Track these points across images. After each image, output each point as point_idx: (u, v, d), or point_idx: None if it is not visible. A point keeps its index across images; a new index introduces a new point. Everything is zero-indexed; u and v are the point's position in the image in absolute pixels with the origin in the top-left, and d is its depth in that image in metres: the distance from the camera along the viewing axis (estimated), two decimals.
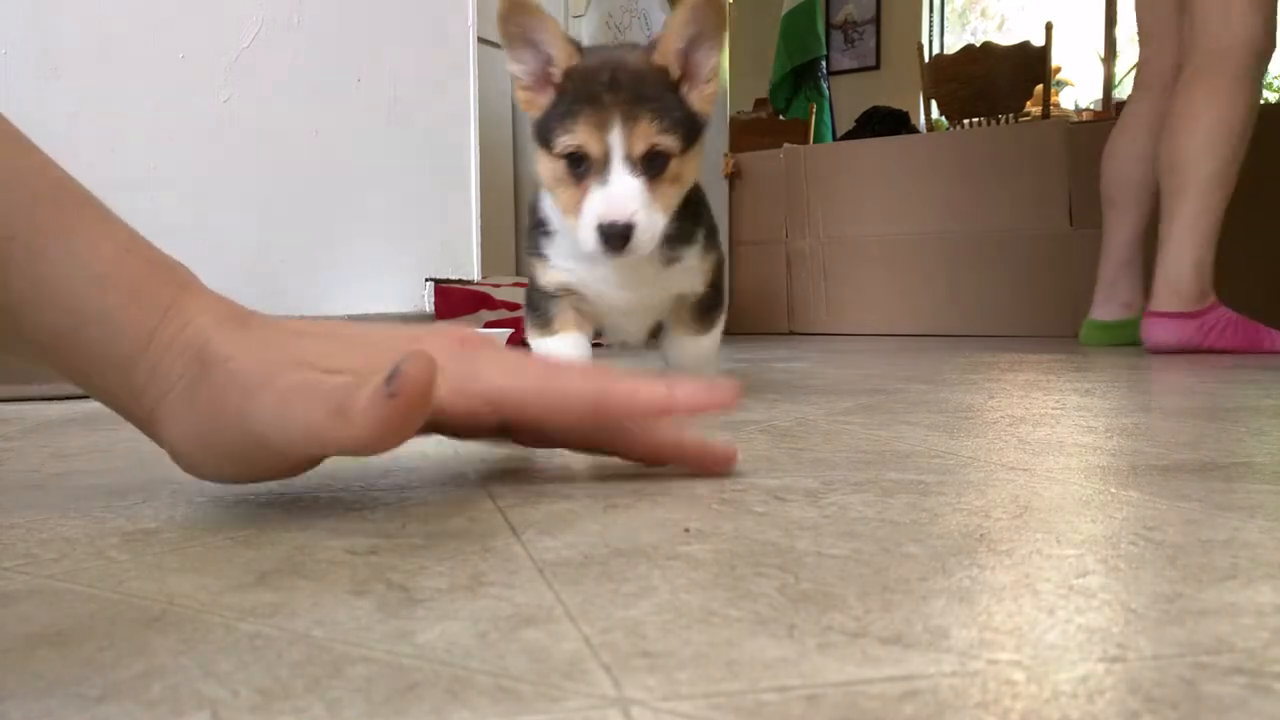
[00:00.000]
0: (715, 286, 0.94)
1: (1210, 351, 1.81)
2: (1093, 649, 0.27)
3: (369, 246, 1.46)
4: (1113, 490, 0.50)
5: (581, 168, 0.80)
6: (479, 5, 1.66)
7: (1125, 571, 0.34)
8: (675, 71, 0.82)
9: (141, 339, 0.43)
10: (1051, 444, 0.66)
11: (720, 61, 0.83)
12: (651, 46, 0.82)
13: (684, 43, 0.81)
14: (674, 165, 0.81)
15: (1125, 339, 2.06)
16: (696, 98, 0.83)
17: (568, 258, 0.88)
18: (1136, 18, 2.12)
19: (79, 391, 0.46)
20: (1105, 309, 2.12)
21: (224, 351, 0.42)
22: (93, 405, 0.96)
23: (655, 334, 1.02)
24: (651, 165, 0.79)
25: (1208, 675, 0.25)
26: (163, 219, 1.18)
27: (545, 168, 0.83)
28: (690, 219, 0.88)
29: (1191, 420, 0.80)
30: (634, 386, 0.47)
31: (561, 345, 0.90)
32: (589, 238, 0.78)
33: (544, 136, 0.82)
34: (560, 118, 0.80)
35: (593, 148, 0.79)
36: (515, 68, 0.83)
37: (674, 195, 0.82)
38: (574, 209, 0.80)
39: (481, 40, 1.65)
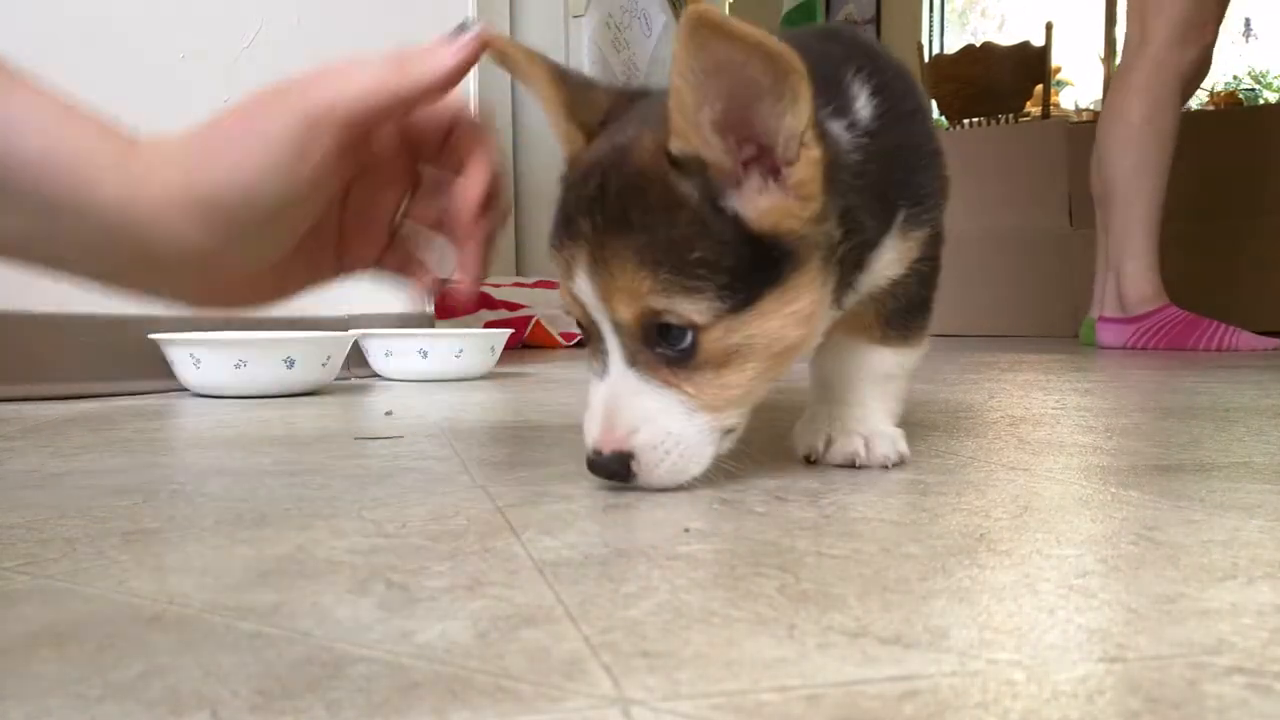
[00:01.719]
0: (927, 279, 0.59)
1: (1151, 350, 1.91)
2: (1093, 649, 0.27)
3: None
4: (1113, 490, 0.50)
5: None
6: (479, 5, 1.66)
7: (1125, 571, 0.34)
8: (719, 157, 0.45)
9: (122, 144, 0.44)
10: (1051, 444, 0.66)
11: (801, 121, 0.44)
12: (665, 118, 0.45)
13: (720, 104, 0.44)
14: (714, 340, 0.46)
15: None
16: (768, 200, 0.46)
17: None
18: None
19: (79, 391, 0.46)
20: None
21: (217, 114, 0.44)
22: (93, 405, 0.97)
23: None
24: (670, 341, 0.47)
25: (1208, 675, 0.25)
26: None
27: None
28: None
29: (1191, 420, 0.80)
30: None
31: None
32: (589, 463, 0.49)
33: None
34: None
35: (575, 311, 0.50)
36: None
37: (741, 380, 0.48)
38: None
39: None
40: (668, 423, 0.47)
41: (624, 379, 0.48)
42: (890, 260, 0.55)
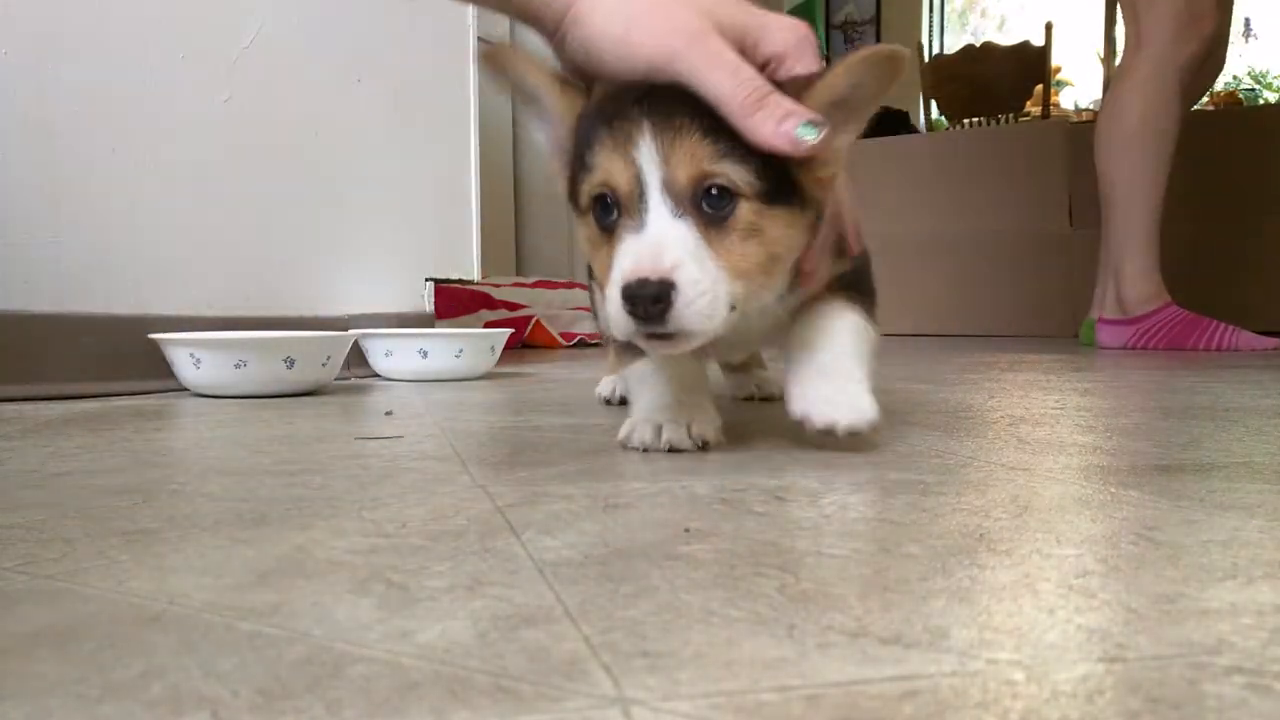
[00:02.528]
0: (859, 271, 0.70)
1: (1151, 350, 1.91)
2: (1093, 649, 0.27)
3: (369, 246, 1.46)
4: (1113, 490, 0.50)
5: (610, 217, 0.57)
6: (479, 7, 1.66)
7: (1125, 571, 0.34)
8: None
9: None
10: (1051, 444, 0.66)
11: (848, 142, 0.59)
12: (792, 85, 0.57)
13: (843, 93, 0.57)
14: (748, 212, 0.55)
15: None
16: (807, 175, 0.58)
17: None
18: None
19: (79, 391, 0.46)
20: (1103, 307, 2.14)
21: None
22: (93, 405, 0.97)
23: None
24: (711, 204, 0.55)
25: (1208, 675, 0.25)
26: (163, 219, 1.18)
27: (581, 235, 0.61)
28: None
29: (1191, 420, 0.80)
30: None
31: (664, 371, 0.67)
32: (615, 312, 0.54)
33: (572, 196, 0.60)
34: (579, 161, 0.58)
35: (618, 177, 0.56)
36: (538, 135, 0.64)
37: (753, 256, 0.56)
38: (606, 276, 0.57)
39: (481, 40, 1.65)
40: (704, 269, 0.54)
41: (670, 225, 0.55)
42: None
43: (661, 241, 0.54)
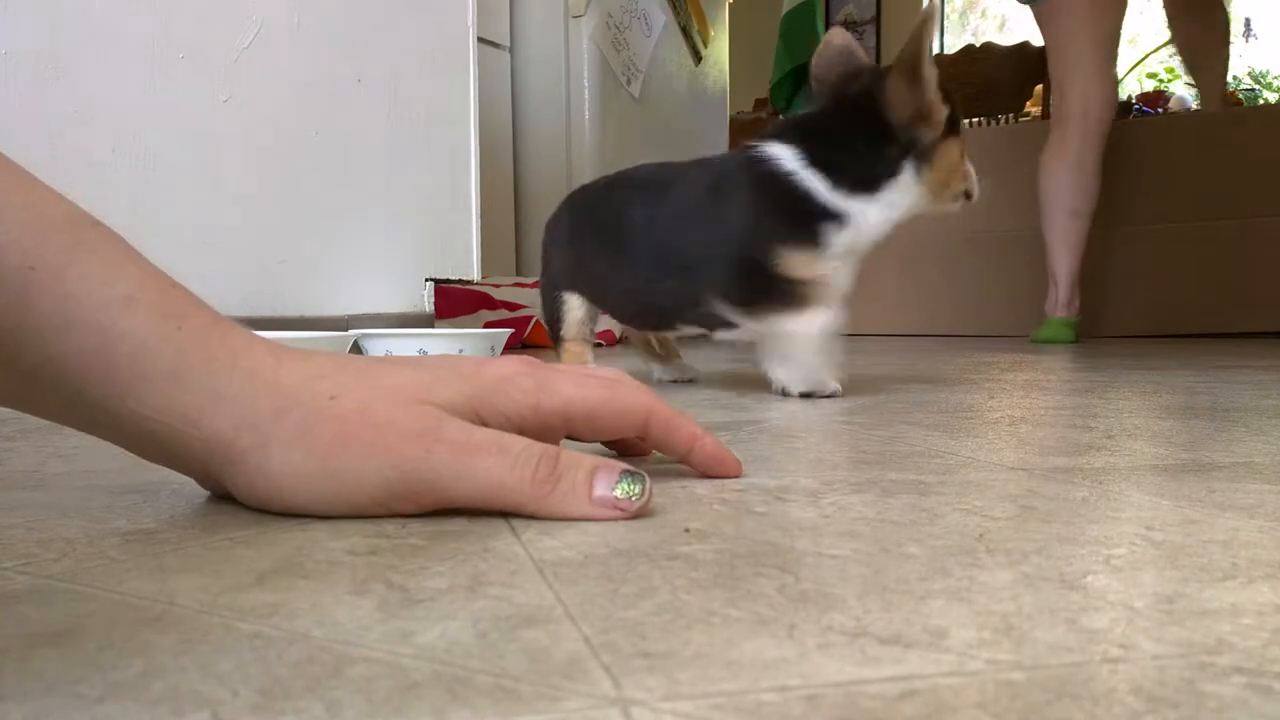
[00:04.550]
0: None
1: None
2: (1093, 649, 0.27)
3: (369, 246, 1.46)
4: (1113, 490, 0.50)
5: None
6: (479, 5, 1.66)
7: (1125, 571, 0.34)
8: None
9: (186, 357, 0.42)
10: (1051, 444, 0.66)
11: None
12: None
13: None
14: None
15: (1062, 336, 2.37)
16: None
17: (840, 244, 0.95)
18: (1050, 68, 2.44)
19: None
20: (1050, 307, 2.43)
21: (322, 389, 0.42)
22: None
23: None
24: None
25: (1208, 675, 0.25)
26: (163, 219, 1.18)
27: None
28: None
29: (1191, 420, 0.80)
30: (675, 414, 0.51)
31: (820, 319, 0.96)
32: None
33: None
34: None
35: None
36: None
37: None
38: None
39: (481, 40, 1.65)
40: None
41: None
42: None
43: None
